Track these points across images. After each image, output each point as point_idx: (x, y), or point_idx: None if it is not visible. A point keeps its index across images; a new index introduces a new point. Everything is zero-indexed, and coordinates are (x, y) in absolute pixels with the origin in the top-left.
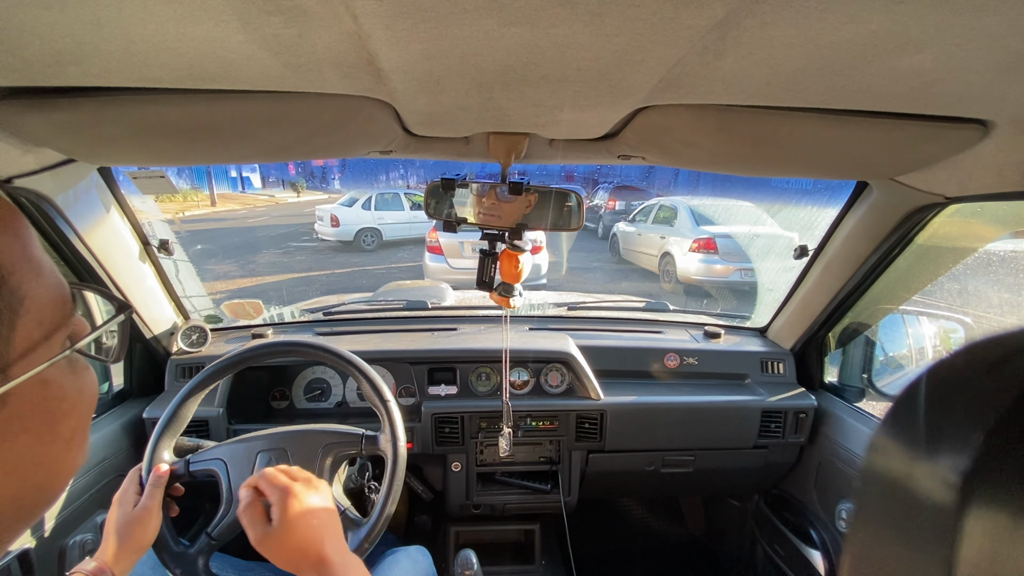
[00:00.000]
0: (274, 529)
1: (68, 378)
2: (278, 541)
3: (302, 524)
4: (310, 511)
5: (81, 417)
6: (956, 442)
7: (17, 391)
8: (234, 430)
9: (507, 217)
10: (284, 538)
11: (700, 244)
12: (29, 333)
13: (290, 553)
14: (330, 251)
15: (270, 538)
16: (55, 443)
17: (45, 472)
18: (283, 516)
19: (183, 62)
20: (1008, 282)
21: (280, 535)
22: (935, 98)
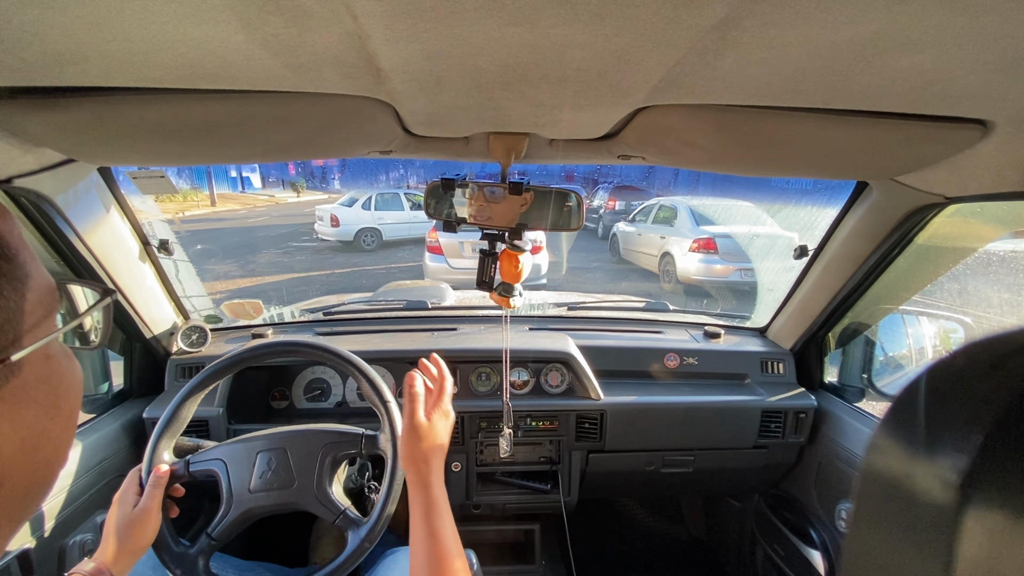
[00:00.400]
0: (423, 427)
1: (64, 359)
2: (417, 438)
3: (440, 436)
4: (447, 431)
5: (76, 398)
6: (956, 442)
7: (26, 363)
8: (234, 430)
9: (504, 217)
10: (420, 439)
11: (700, 244)
12: (33, 309)
13: (418, 453)
14: (330, 251)
15: (418, 431)
16: (58, 418)
17: (52, 447)
18: (434, 422)
19: (183, 62)
20: (1008, 282)
21: (421, 435)
22: (935, 98)
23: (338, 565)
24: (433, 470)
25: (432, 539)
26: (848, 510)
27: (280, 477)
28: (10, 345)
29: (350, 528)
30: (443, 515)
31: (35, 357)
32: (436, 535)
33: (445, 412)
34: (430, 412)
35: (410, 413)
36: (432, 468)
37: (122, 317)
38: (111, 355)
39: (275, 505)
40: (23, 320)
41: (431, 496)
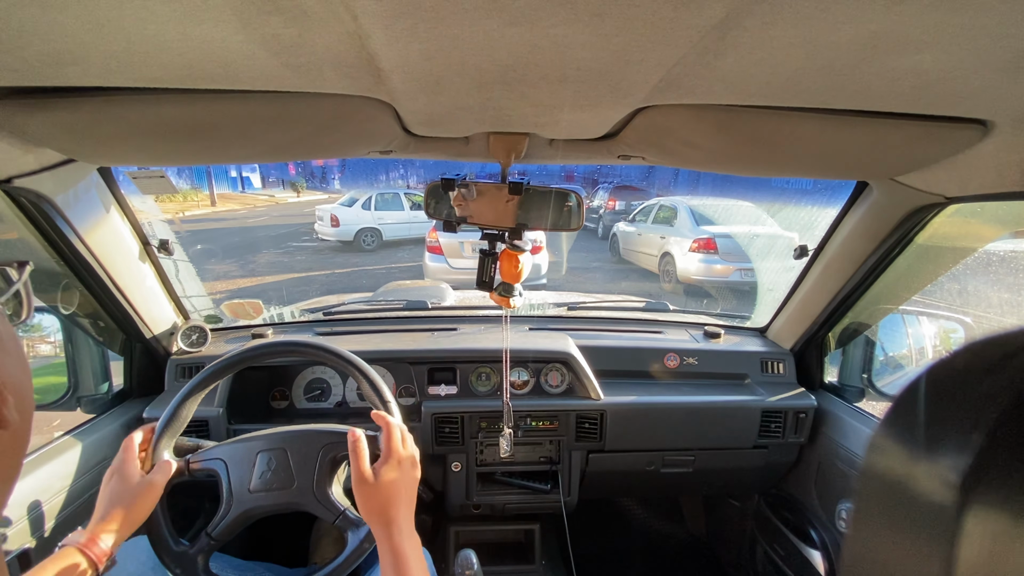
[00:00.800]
0: (371, 481)
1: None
2: (370, 490)
3: (391, 487)
4: (402, 481)
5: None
6: (956, 442)
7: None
8: (234, 430)
9: (504, 217)
10: (373, 491)
11: (700, 244)
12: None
13: (373, 505)
14: (330, 251)
15: (365, 486)
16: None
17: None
18: (381, 475)
19: (183, 62)
20: (1008, 282)
21: (372, 487)
22: (935, 98)
23: (338, 565)
24: (393, 521)
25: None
26: (848, 510)
27: (280, 477)
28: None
29: (350, 528)
30: (412, 569)
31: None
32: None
33: (401, 459)
34: (381, 465)
35: (355, 469)
36: (392, 519)
37: (122, 317)
38: (111, 355)
39: (275, 505)
40: None
41: (395, 548)
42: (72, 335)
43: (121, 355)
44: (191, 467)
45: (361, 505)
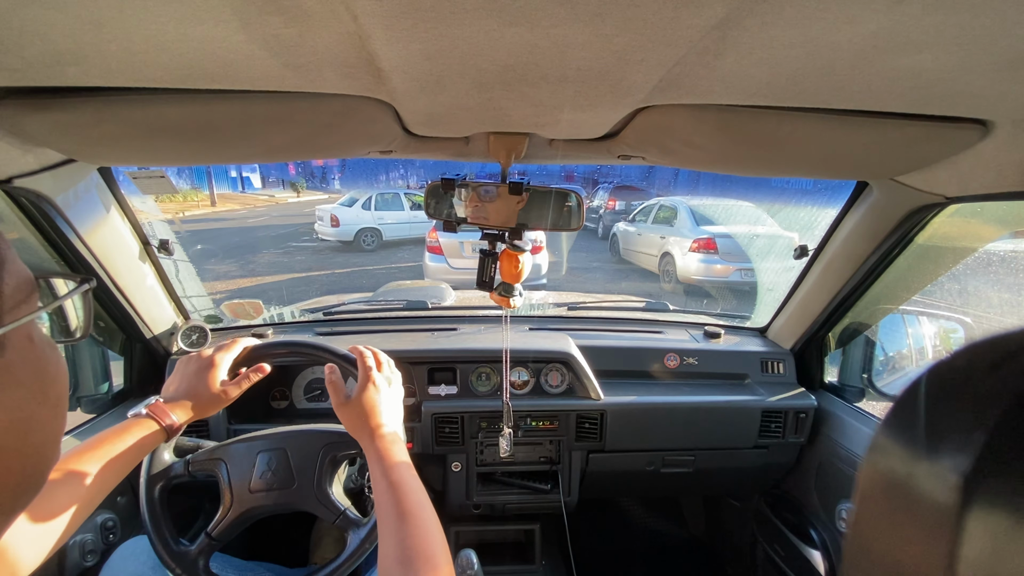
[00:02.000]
0: (348, 403)
1: (48, 348)
2: (349, 411)
3: (369, 404)
4: (381, 399)
5: (62, 386)
6: (957, 442)
7: (9, 343)
8: (234, 430)
9: (504, 217)
10: (352, 411)
11: (700, 244)
12: (12, 293)
13: (354, 421)
14: (330, 251)
15: (344, 408)
16: (46, 404)
17: (41, 434)
18: (358, 396)
19: (183, 62)
20: (1008, 282)
21: (350, 408)
22: (935, 98)
23: (338, 565)
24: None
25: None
26: (848, 510)
27: (280, 477)
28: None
29: (350, 528)
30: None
31: (18, 339)
32: (394, 485)
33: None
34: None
35: (333, 399)
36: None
37: (122, 317)
38: (111, 355)
39: (275, 505)
40: (2, 301)
41: (378, 452)
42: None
43: (121, 355)
44: (191, 467)
45: (346, 427)
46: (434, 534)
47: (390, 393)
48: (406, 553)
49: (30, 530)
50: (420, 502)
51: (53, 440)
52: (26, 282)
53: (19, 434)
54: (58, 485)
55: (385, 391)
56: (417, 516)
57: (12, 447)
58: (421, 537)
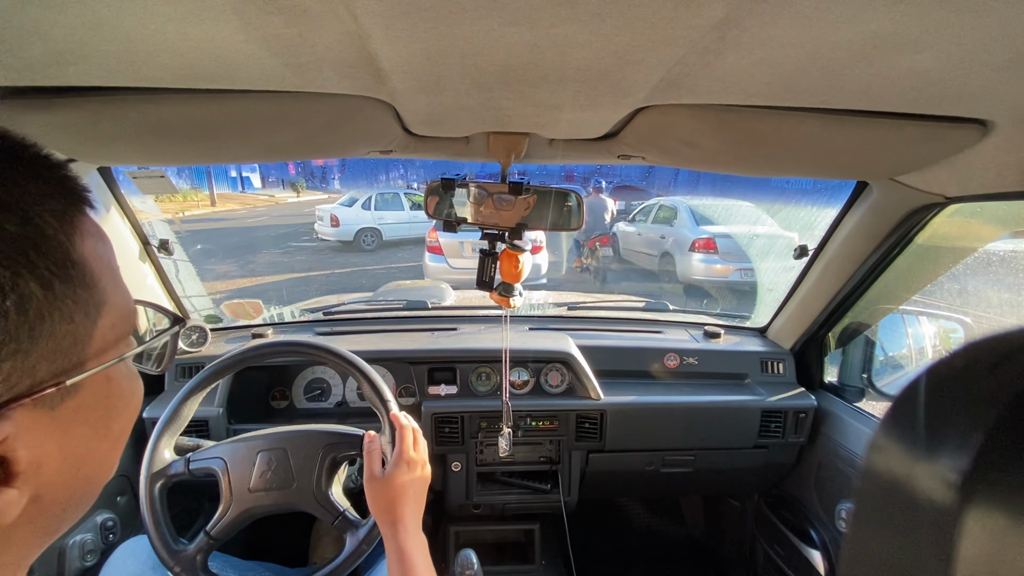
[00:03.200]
0: (381, 480)
1: (126, 380)
2: (380, 489)
3: (399, 488)
4: (411, 483)
5: (130, 418)
6: (956, 442)
7: (86, 384)
8: (234, 430)
9: (504, 217)
10: (382, 490)
11: (700, 244)
12: (104, 334)
13: (381, 503)
14: (330, 251)
15: (375, 484)
16: (107, 439)
17: (95, 466)
18: (392, 475)
19: (183, 62)
20: (1008, 282)
21: (382, 486)
22: (935, 98)
23: (338, 565)
24: (400, 520)
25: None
26: (848, 510)
27: (280, 477)
28: (72, 368)
29: (349, 530)
30: (417, 566)
31: (96, 379)
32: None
33: (412, 461)
34: (392, 466)
35: (367, 468)
36: (399, 518)
37: None
38: None
39: (274, 505)
40: (89, 345)
41: (400, 547)
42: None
43: None
44: (191, 466)
45: (370, 503)
46: None
47: (421, 478)
48: None
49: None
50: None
51: (108, 467)
52: (123, 319)
53: (71, 469)
54: None
55: (416, 475)
56: None
57: (61, 482)
58: None
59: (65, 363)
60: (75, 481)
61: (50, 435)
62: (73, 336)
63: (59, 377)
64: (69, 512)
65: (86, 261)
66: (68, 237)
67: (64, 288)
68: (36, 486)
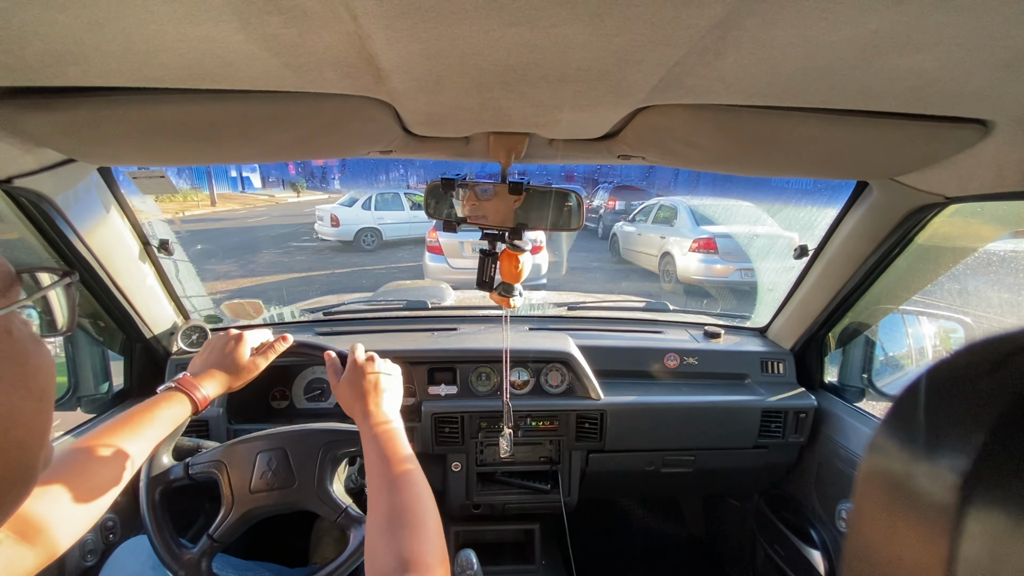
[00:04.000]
0: (338, 385)
1: (31, 343)
2: (339, 392)
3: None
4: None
5: (47, 380)
6: (956, 442)
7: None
8: (234, 430)
9: (504, 217)
10: (341, 393)
11: (700, 244)
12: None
13: (345, 403)
14: (330, 251)
15: (336, 390)
16: (28, 399)
17: (24, 429)
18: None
19: (183, 62)
20: (1008, 282)
21: (340, 390)
22: (935, 98)
23: (338, 565)
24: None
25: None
26: (848, 510)
27: (280, 477)
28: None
29: (352, 526)
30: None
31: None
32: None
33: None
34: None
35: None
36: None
37: (123, 317)
38: (111, 355)
39: (276, 505)
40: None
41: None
42: (72, 335)
43: (121, 355)
44: (191, 470)
45: (341, 404)
46: (424, 498)
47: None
48: (393, 515)
49: (68, 505)
50: (410, 471)
51: (39, 434)
52: (3, 275)
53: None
54: (92, 460)
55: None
56: (406, 483)
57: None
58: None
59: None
60: (7, 443)
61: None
62: None
63: None
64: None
65: None
66: None
67: None
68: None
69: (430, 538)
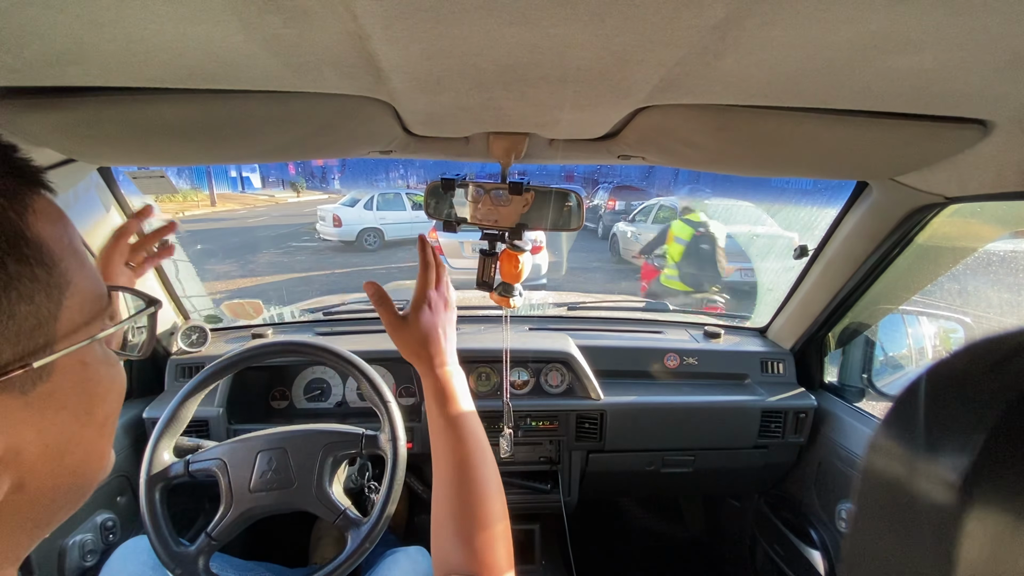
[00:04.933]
0: (405, 324)
1: (104, 366)
2: (406, 334)
3: (426, 329)
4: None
5: (113, 404)
6: (956, 442)
7: (59, 368)
8: (234, 430)
9: (504, 217)
10: (409, 335)
11: None
12: (72, 316)
13: (412, 347)
14: (330, 251)
15: (399, 330)
16: (91, 426)
17: (81, 455)
18: (415, 318)
19: (183, 62)
20: (1008, 282)
21: (407, 331)
22: (935, 98)
23: (338, 565)
24: (435, 356)
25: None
26: (848, 510)
27: (280, 477)
28: (39, 350)
29: (350, 528)
30: (456, 398)
31: (69, 363)
32: (453, 422)
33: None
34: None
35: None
36: (433, 355)
37: None
38: None
39: (275, 505)
40: (56, 327)
41: (438, 381)
42: None
43: None
44: (190, 468)
45: (400, 349)
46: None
47: (447, 316)
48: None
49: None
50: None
51: (97, 456)
52: (93, 301)
53: (54, 457)
54: None
55: (440, 313)
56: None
57: (45, 470)
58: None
59: (30, 345)
60: (61, 470)
61: (25, 420)
62: (36, 317)
63: (25, 359)
64: (58, 504)
65: (43, 241)
66: (19, 216)
67: (19, 267)
68: (17, 473)
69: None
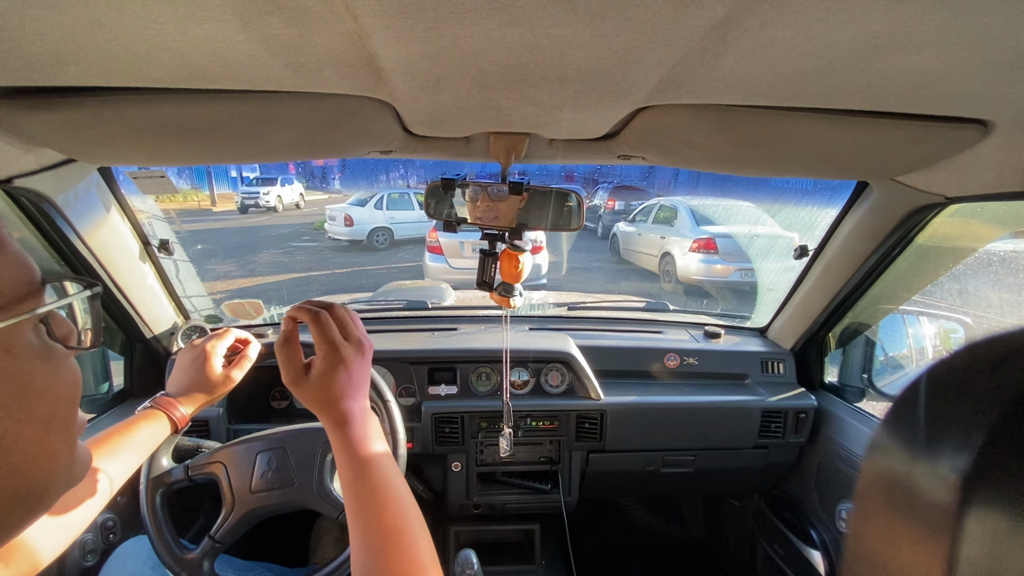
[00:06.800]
0: (310, 381)
1: (39, 360)
2: (312, 392)
3: (338, 383)
4: (347, 373)
5: (58, 401)
6: (956, 442)
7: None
8: (234, 430)
9: (505, 217)
10: (316, 391)
11: (700, 244)
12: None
13: (320, 404)
14: (330, 251)
15: (303, 388)
16: (30, 423)
17: (22, 454)
18: (322, 373)
19: (183, 62)
20: (1008, 282)
21: (314, 388)
22: (935, 98)
23: (338, 565)
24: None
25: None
26: (848, 510)
27: (281, 476)
28: None
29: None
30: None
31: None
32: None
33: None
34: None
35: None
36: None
37: (123, 317)
38: (111, 355)
39: (277, 504)
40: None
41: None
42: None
43: (121, 355)
44: (191, 472)
45: (307, 405)
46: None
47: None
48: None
49: (47, 523)
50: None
51: (46, 458)
52: (19, 286)
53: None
54: None
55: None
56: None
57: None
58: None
59: None
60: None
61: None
62: None
63: None
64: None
65: None
66: None
67: None
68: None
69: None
